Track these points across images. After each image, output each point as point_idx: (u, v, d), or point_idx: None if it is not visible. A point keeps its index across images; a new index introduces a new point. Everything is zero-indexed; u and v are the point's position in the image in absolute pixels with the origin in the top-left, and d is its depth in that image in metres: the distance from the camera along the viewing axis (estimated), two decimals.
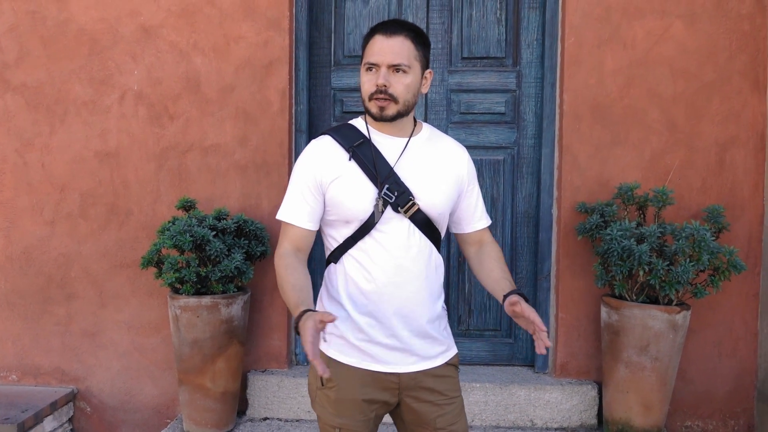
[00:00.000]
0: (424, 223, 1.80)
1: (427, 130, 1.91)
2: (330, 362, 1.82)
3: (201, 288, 2.92)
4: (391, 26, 1.77)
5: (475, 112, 3.35)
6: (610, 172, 3.13)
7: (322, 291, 1.89)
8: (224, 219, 3.05)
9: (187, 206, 3.06)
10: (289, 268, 1.76)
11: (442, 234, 1.90)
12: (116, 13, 3.23)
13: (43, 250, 3.32)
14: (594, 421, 3.11)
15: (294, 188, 1.82)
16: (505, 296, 1.80)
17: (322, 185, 1.79)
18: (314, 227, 1.83)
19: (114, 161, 3.27)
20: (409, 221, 1.79)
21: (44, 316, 3.33)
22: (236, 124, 3.21)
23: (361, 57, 1.82)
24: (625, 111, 3.12)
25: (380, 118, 1.78)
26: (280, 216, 1.84)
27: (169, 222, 2.99)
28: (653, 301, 2.85)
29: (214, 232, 2.92)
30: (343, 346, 1.82)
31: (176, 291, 2.95)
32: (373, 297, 1.78)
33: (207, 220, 2.96)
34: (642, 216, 2.99)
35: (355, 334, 1.80)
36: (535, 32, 3.30)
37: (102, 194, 3.28)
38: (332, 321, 1.55)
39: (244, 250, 2.96)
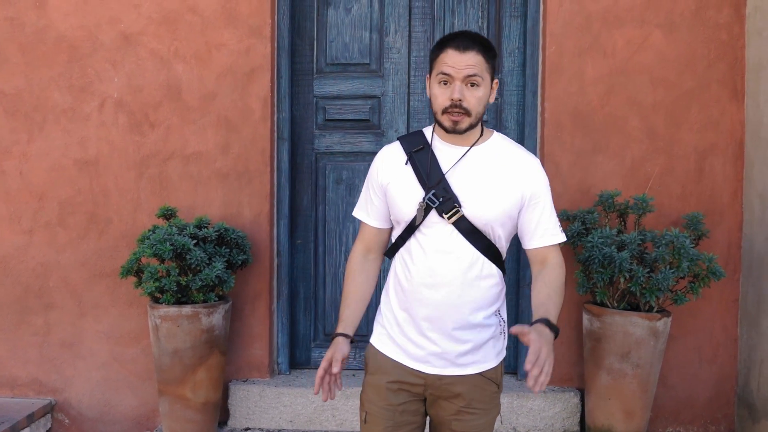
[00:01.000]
0: (469, 231, 1.81)
1: (496, 139, 1.90)
2: (369, 348, 1.98)
3: (181, 297, 2.90)
4: (464, 40, 1.79)
5: None
6: (592, 179, 3.15)
7: (385, 282, 2.00)
8: (205, 227, 3.02)
9: (168, 215, 3.03)
10: (351, 275, 1.98)
11: (499, 245, 1.87)
12: (96, 20, 3.20)
13: (21, 259, 3.27)
14: (577, 428, 3.11)
15: (364, 189, 1.99)
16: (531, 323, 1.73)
17: (382, 186, 1.92)
18: (381, 225, 1.96)
19: (93, 169, 3.24)
20: (453, 227, 1.81)
21: (21, 327, 3.28)
22: (218, 132, 3.20)
23: (430, 68, 1.85)
24: (605, 119, 3.14)
25: (453, 131, 1.82)
26: (354, 213, 2.03)
27: (149, 231, 2.96)
28: (634, 308, 2.86)
29: (195, 241, 2.89)
30: (384, 336, 1.94)
31: (156, 300, 2.92)
32: (409, 295, 1.87)
33: (188, 228, 2.93)
34: (623, 223, 3.01)
35: (394, 327, 1.91)
36: (517, 41, 3.32)
37: (81, 203, 3.25)
38: (339, 364, 1.85)
39: (225, 259, 2.94)
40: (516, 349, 3.34)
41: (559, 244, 1.90)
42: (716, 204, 3.16)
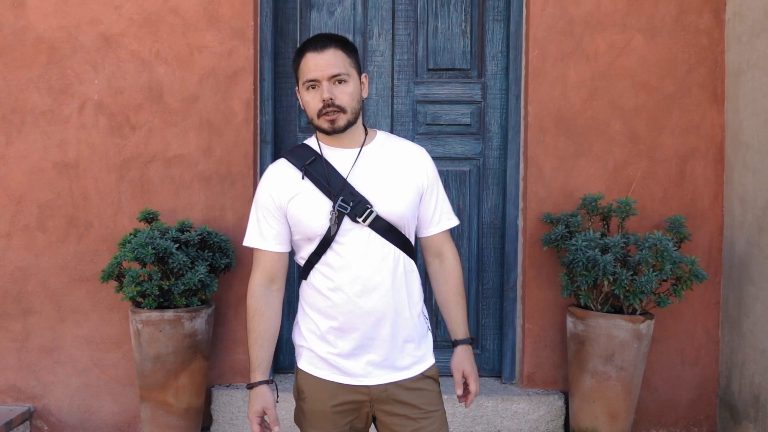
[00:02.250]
0: (386, 229, 1.80)
1: (381, 136, 1.91)
2: (300, 374, 1.88)
3: (163, 302, 2.86)
4: (320, 41, 1.81)
5: (441, 123, 3.36)
6: (575, 183, 3.16)
7: (299, 307, 1.92)
8: (187, 231, 2.99)
9: (150, 218, 3.00)
10: (257, 314, 1.84)
11: (412, 238, 1.88)
12: (76, 21, 3.16)
13: None
14: (561, 431, 3.12)
15: (257, 214, 1.87)
16: (453, 346, 1.97)
17: (281, 207, 1.83)
18: (284, 249, 1.87)
19: (73, 172, 3.19)
20: (369, 230, 1.78)
21: None
22: (200, 135, 3.17)
23: (296, 79, 1.85)
24: (588, 123, 3.16)
25: (332, 131, 1.80)
26: (246, 242, 1.88)
27: (130, 234, 2.92)
28: (618, 310, 2.88)
29: (177, 245, 2.86)
30: (313, 358, 1.85)
31: (138, 305, 2.88)
32: (338, 309, 1.79)
33: (170, 232, 2.90)
34: (606, 226, 3.02)
35: (323, 346, 1.83)
36: (500, 45, 3.33)
37: (61, 206, 3.20)
38: (278, 424, 1.79)
39: (207, 263, 2.91)
40: (500, 352, 3.35)
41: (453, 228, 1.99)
42: (698, 207, 3.19)
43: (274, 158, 3.30)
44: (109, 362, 3.22)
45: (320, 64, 1.76)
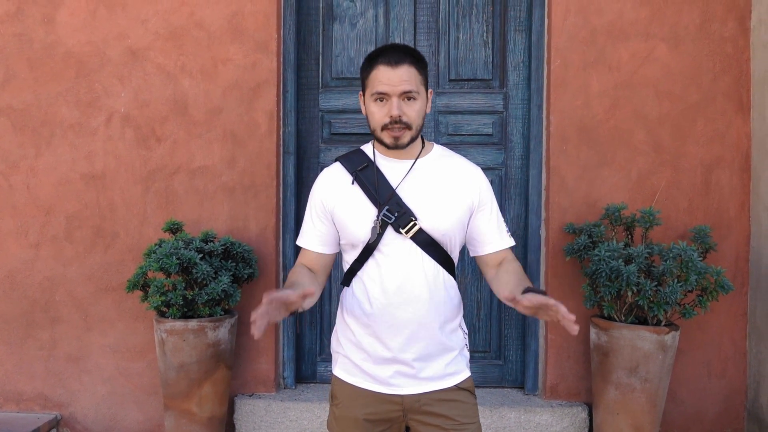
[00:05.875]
0: (428, 244, 1.79)
1: (437, 150, 1.90)
2: (335, 381, 1.90)
3: (187, 311, 2.89)
4: (394, 55, 1.76)
5: (463, 133, 3.36)
6: (598, 192, 3.14)
7: (338, 314, 1.94)
8: (211, 241, 3.03)
9: (174, 229, 3.04)
10: (292, 271, 1.85)
11: (454, 255, 1.86)
12: (103, 36, 3.23)
13: (28, 273, 3.28)
14: None
15: (307, 215, 1.91)
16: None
17: (328, 210, 1.85)
18: (326, 250, 1.89)
19: (100, 183, 3.25)
20: (411, 242, 1.78)
21: (28, 341, 3.28)
22: (224, 146, 3.21)
23: (363, 85, 1.82)
24: (611, 132, 3.14)
25: (395, 147, 1.79)
26: (297, 242, 1.94)
27: (155, 245, 2.96)
28: (642, 321, 2.84)
29: (201, 255, 2.89)
30: (348, 365, 1.87)
31: (162, 314, 2.92)
32: (375, 318, 1.80)
33: (194, 242, 2.94)
34: (629, 236, 3.00)
35: (359, 354, 1.84)
36: (522, 54, 3.33)
37: (88, 217, 3.26)
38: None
39: (231, 273, 2.94)
40: (523, 363, 3.32)
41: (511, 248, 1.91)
42: (723, 217, 3.15)
43: (297, 169, 3.34)
44: (134, 371, 3.26)
45: (393, 79, 1.74)
